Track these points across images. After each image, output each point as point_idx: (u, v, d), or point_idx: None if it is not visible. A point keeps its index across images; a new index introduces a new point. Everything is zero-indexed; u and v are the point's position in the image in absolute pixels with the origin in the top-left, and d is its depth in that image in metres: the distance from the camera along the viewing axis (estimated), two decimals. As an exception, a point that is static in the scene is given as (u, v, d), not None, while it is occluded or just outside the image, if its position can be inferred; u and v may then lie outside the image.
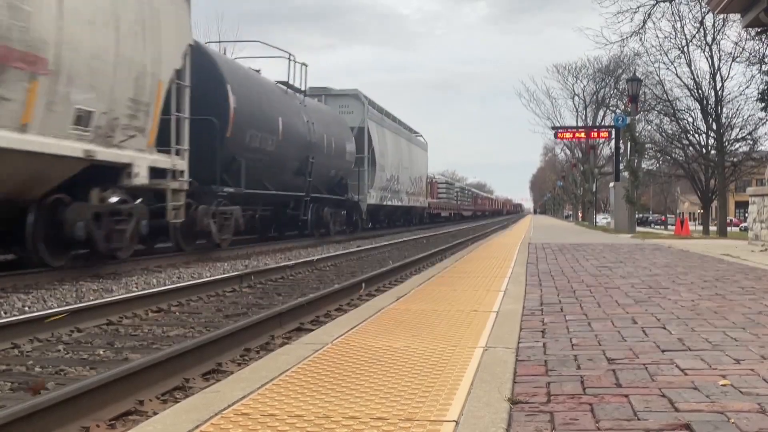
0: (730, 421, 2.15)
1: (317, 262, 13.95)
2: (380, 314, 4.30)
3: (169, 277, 11.51)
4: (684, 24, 31.34)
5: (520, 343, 3.39)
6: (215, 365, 5.22)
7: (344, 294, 9.09)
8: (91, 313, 7.01)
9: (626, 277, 6.74)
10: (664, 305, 4.73)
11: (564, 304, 4.83)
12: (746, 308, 4.59)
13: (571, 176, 56.74)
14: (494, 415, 2.21)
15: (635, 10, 25.99)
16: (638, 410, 2.28)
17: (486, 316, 4.22)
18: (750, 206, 13.40)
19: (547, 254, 10.23)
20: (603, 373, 2.79)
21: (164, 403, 4.26)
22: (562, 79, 57.39)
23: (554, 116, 59.37)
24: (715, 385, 2.59)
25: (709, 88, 32.17)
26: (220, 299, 9.00)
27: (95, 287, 9.89)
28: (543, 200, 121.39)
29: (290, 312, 7.13)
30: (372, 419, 2.16)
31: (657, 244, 13.91)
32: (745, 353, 3.17)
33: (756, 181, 36.34)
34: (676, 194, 73.39)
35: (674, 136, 34.99)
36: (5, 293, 8.98)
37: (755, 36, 24.31)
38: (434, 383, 2.59)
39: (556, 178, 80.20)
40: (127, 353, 5.57)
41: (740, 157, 33.90)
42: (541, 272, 7.25)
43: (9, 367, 5.13)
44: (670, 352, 3.18)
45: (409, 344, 3.33)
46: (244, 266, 13.27)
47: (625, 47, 30.96)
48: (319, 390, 2.50)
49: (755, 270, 7.51)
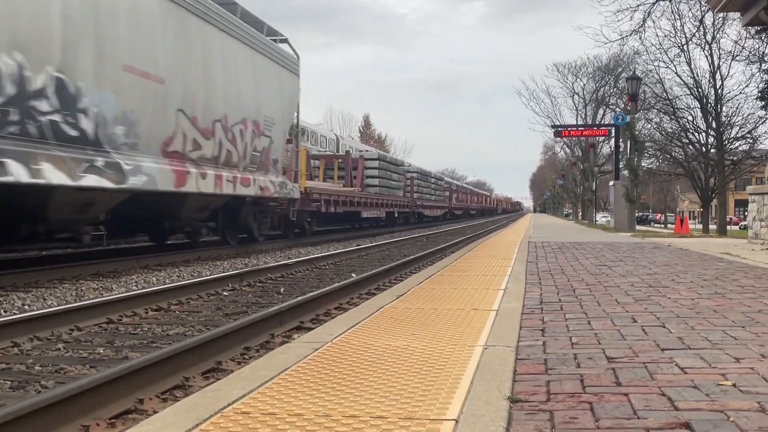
0: (729, 420, 2.15)
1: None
2: (380, 313, 4.30)
3: (168, 275, 11.51)
4: (684, 22, 31.36)
5: (519, 342, 3.39)
6: (215, 364, 5.22)
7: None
8: (90, 311, 7.01)
9: (626, 275, 6.74)
10: (663, 304, 4.73)
11: (564, 302, 4.83)
12: (746, 307, 4.59)
13: (571, 175, 56.74)
14: (494, 413, 2.21)
15: (635, 8, 25.92)
16: (638, 409, 2.28)
17: (486, 314, 4.22)
18: (750, 205, 13.40)
19: (547, 253, 10.23)
20: (603, 372, 2.79)
21: (164, 401, 4.26)
22: (562, 77, 57.34)
23: (554, 115, 59.35)
24: (715, 384, 2.59)
25: (709, 86, 32.16)
26: (219, 298, 9.00)
27: (95, 286, 9.89)
28: (543, 199, 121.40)
29: (290, 311, 7.12)
30: (372, 418, 2.16)
31: (657, 242, 13.91)
32: (744, 352, 3.17)
33: (756, 179, 36.36)
34: (676, 193, 73.46)
35: (674, 134, 34.97)
36: (5, 291, 8.98)
37: (755, 34, 24.31)
38: (434, 382, 2.59)
39: (555, 177, 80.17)
40: (126, 352, 5.57)
41: (740, 155, 33.87)
42: (540, 271, 7.25)
43: (9, 365, 5.14)
44: (670, 351, 3.18)
45: (409, 343, 3.33)
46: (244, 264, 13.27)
47: (624, 46, 30.97)
48: (319, 389, 2.50)
49: (755, 268, 7.51)
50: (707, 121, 32.97)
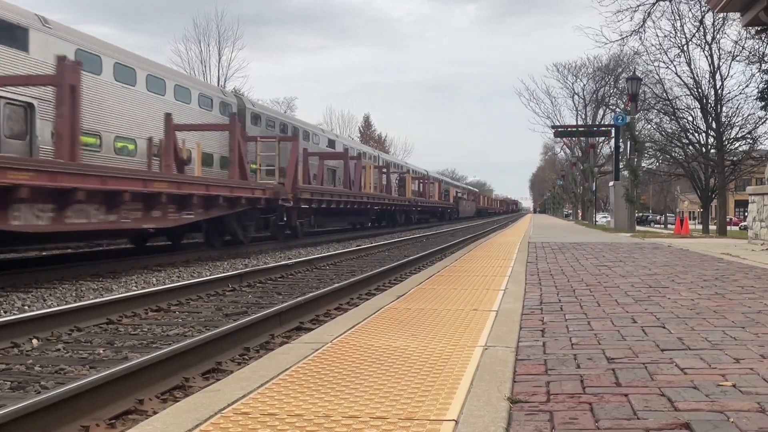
0: (729, 421, 2.15)
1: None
2: (380, 313, 4.30)
3: (168, 276, 11.51)
4: (684, 23, 31.28)
5: (519, 343, 3.39)
6: (215, 364, 5.22)
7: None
8: (90, 312, 7.01)
9: (626, 276, 6.74)
10: (663, 304, 4.73)
11: (564, 303, 4.83)
12: (746, 307, 4.58)
13: (571, 175, 56.68)
14: (494, 414, 2.21)
15: (635, 8, 25.90)
16: (638, 409, 2.28)
17: (486, 315, 4.22)
18: (750, 205, 13.40)
19: (547, 253, 10.23)
20: (602, 373, 2.79)
21: (164, 402, 4.27)
22: (562, 77, 57.36)
23: (554, 115, 59.34)
24: (715, 385, 2.59)
25: (709, 86, 32.13)
26: (219, 298, 8.99)
27: (95, 286, 9.89)
28: (543, 199, 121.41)
29: (290, 311, 7.13)
30: (372, 418, 2.16)
31: (656, 243, 13.91)
32: (744, 352, 3.17)
33: (756, 179, 36.35)
34: (676, 193, 73.42)
35: (674, 134, 34.93)
36: (5, 292, 8.98)
37: (755, 35, 24.29)
38: (434, 382, 2.59)
39: (555, 177, 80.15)
40: (126, 352, 5.57)
41: (740, 155, 33.84)
42: (540, 271, 7.24)
43: (9, 366, 5.14)
44: (670, 352, 3.18)
45: (409, 343, 3.33)
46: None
47: (624, 46, 30.95)
48: (318, 389, 2.50)
49: (755, 269, 7.51)
50: (707, 121, 32.96)
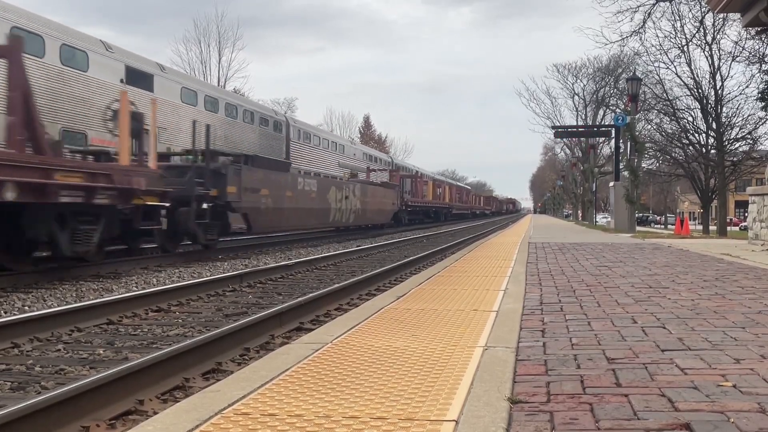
0: (730, 421, 2.15)
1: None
2: (380, 314, 4.30)
3: (169, 276, 11.51)
4: (684, 23, 31.27)
5: (520, 343, 3.39)
6: (215, 365, 5.22)
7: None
8: (90, 312, 7.01)
9: (626, 276, 6.74)
10: (663, 305, 4.73)
11: (564, 303, 4.83)
12: (746, 308, 4.59)
13: (571, 175, 56.67)
14: (494, 414, 2.21)
15: (635, 9, 25.92)
16: (638, 410, 2.28)
17: (486, 315, 4.22)
18: (750, 205, 13.40)
19: (547, 253, 10.23)
20: (603, 373, 2.79)
21: (164, 402, 4.26)
22: (562, 78, 57.34)
23: (554, 115, 59.33)
24: (715, 385, 2.59)
25: (709, 87, 32.13)
26: (220, 299, 9.00)
27: (95, 287, 9.89)
28: (543, 200, 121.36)
29: (290, 311, 7.13)
30: (372, 419, 2.16)
31: (657, 243, 13.91)
32: (744, 353, 3.17)
33: (756, 180, 36.31)
34: (676, 194, 73.41)
35: (674, 135, 34.92)
36: (5, 293, 8.98)
37: (755, 35, 24.29)
38: (434, 383, 2.59)
39: (556, 178, 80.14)
40: (126, 353, 5.57)
41: (740, 156, 33.84)
42: (540, 271, 7.24)
43: (9, 366, 5.14)
44: (670, 352, 3.18)
45: (409, 344, 3.33)
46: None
47: (625, 47, 30.89)
48: (319, 390, 2.50)
49: (755, 269, 7.51)
50: (707, 122, 32.95)
